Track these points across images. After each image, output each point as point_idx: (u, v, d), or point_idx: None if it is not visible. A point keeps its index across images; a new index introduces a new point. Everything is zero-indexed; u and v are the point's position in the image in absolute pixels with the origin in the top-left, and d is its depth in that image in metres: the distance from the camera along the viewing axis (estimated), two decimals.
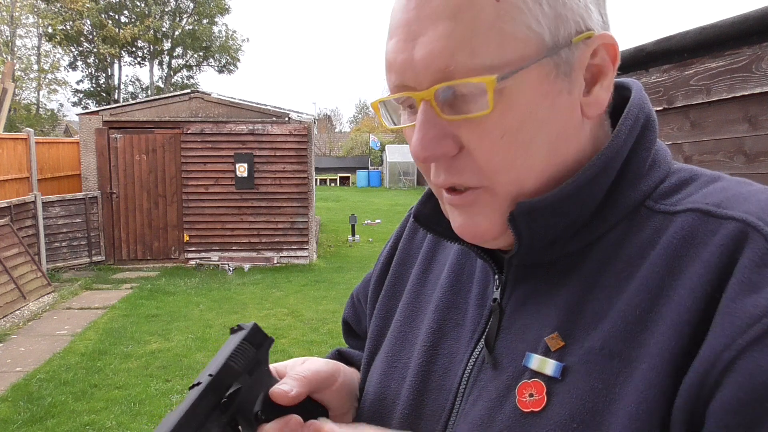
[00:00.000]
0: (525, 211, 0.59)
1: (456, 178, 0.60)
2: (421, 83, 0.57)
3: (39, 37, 29.31)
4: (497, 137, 0.57)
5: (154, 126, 10.43)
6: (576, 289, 0.59)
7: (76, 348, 6.36)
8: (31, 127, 14.90)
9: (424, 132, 0.58)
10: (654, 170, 0.63)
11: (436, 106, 0.57)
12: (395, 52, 0.59)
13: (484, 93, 0.55)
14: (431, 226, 0.71)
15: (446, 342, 0.70)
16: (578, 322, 0.58)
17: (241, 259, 10.56)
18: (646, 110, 0.65)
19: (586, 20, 0.58)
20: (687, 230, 0.56)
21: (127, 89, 34.09)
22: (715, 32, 2.73)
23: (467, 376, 0.65)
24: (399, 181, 27.59)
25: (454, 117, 0.57)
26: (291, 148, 10.57)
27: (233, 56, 34.82)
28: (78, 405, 5.03)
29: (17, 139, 9.95)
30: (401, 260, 0.84)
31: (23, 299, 7.68)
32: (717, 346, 0.48)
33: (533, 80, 0.56)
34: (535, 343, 0.60)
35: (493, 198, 0.60)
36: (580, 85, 0.59)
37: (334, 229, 14.77)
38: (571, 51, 0.58)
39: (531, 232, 0.60)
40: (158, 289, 8.83)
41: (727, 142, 2.80)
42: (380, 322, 0.82)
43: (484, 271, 0.71)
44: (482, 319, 0.67)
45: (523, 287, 0.64)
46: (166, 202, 10.58)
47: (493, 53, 0.55)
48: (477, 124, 0.57)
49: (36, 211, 9.26)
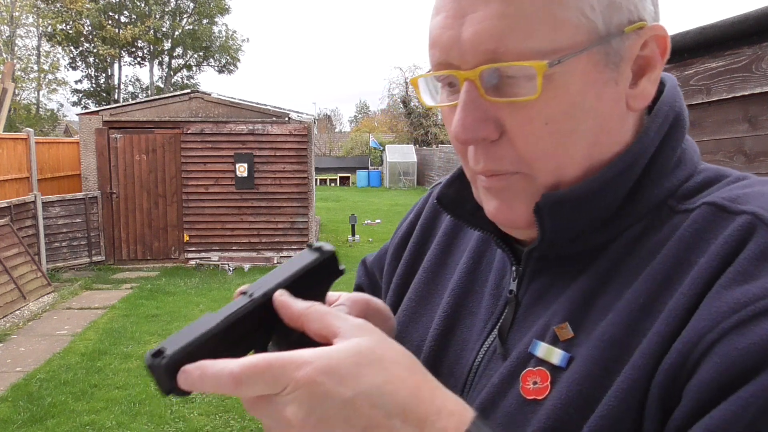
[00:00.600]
0: (550, 203, 0.58)
1: (495, 165, 0.59)
2: (467, 62, 0.56)
3: (39, 37, 29.32)
4: (541, 123, 0.56)
5: (154, 126, 10.43)
6: (590, 282, 0.59)
7: (76, 348, 6.37)
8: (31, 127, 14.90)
9: (466, 113, 0.57)
10: (679, 169, 0.62)
11: (480, 87, 0.56)
12: (442, 28, 0.57)
13: (532, 77, 0.54)
14: (454, 210, 0.70)
15: (459, 329, 0.70)
16: (588, 314, 0.57)
17: (241, 259, 10.56)
18: (677, 107, 0.64)
19: (640, 10, 0.57)
20: (700, 223, 0.56)
21: (127, 89, 34.11)
22: (715, 32, 2.73)
23: (477, 365, 0.65)
24: (399, 181, 27.59)
25: (498, 99, 0.56)
26: (291, 148, 10.58)
27: (233, 56, 34.83)
28: (78, 405, 5.04)
29: (17, 139, 9.95)
30: (421, 240, 0.84)
31: (23, 299, 7.68)
32: (700, 329, 0.48)
33: (583, 68, 0.55)
34: (543, 330, 0.59)
35: (531, 184, 0.59)
36: (627, 77, 0.58)
37: (334, 229, 14.77)
38: (622, 41, 0.56)
39: (554, 225, 0.60)
40: (158, 289, 8.83)
41: (726, 142, 2.80)
42: (397, 299, 0.81)
43: (501, 261, 0.70)
44: (497, 309, 0.67)
45: (540, 280, 0.64)
46: (166, 202, 10.58)
47: (545, 37, 0.53)
48: (521, 109, 0.56)
49: (36, 211, 9.26)
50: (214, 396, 5.22)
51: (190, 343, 0.51)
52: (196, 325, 0.53)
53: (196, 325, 0.53)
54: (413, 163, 27.92)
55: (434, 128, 33.04)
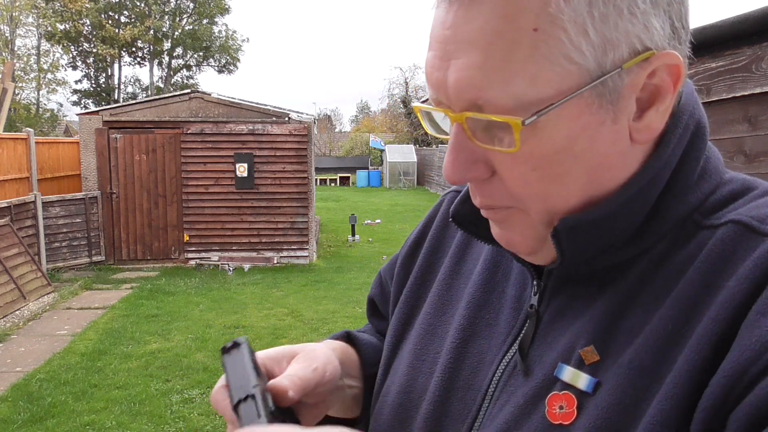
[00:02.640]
0: (568, 227, 0.57)
1: (489, 200, 0.60)
2: (454, 106, 0.55)
3: (39, 37, 29.32)
4: (529, 169, 0.55)
5: (154, 126, 10.42)
6: (615, 302, 0.57)
7: (76, 348, 6.37)
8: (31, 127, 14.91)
9: (455, 155, 0.57)
10: (703, 181, 0.59)
11: (467, 130, 0.55)
12: (431, 68, 0.56)
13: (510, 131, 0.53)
14: (468, 227, 0.69)
15: (477, 340, 0.69)
16: (614, 337, 0.56)
17: (241, 259, 10.56)
18: (696, 115, 0.60)
19: (644, 40, 0.53)
20: (727, 243, 0.53)
21: (126, 89, 34.10)
22: (715, 32, 2.73)
23: (497, 379, 0.64)
24: (399, 181, 27.59)
25: (484, 145, 0.56)
26: (291, 148, 10.57)
27: (233, 56, 34.82)
28: (78, 405, 5.04)
29: (17, 139, 9.95)
30: (432, 248, 0.82)
31: (23, 299, 7.68)
32: (743, 361, 0.46)
33: (571, 114, 0.53)
34: (568, 353, 0.58)
35: (526, 218, 0.59)
36: (629, 111, 0.55)
37: (334, 229, 14.77)
38: (621, 78, 0.53)
39: (574, 247, 0.58)
40: (158, 289, 8.83)
41: (726, 142, 2.80)
42: (407, 310, 0.80)
43: (521, 272, 0.69)
44: (517, 323, 0.65)
45: (562, 296, 0.62)
46: (166, 202, 10.58)
47: (525, 89, 0.51)
48: (510, 156, 0.55)
49: (36, 211, 9.26)
50: None
51: None
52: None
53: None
54: (413, 163, 27.93)
55: None
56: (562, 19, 0.50)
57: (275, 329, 6.98)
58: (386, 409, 0.73)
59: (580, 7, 0.50)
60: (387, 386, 0.76)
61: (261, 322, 7.29)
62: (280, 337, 6.68)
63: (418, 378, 0.72)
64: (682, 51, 0.55)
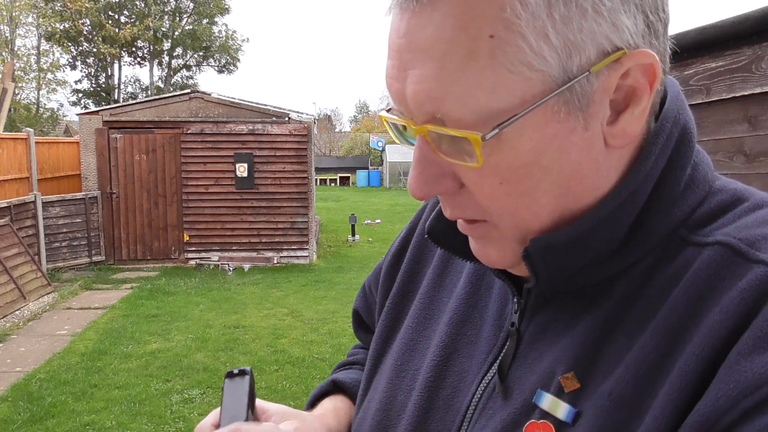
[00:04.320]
0: (540, 247, 0.54)
1: (461, 213, 0.57)
2: (416, 117, 0.52)
3: (39, 37, 29.32)
4: (495, 183, 0.52)
5: (154, 126, 10.43)
6: (597, 325, 0.54)
7: (76, 348, 6.36)
8: (31, 127, 14.91)
9: (420, 169, 0.53)
10: (690, 192, 0.55)
11: (431, 143, 0.52)
12: (390, 78, 0.53)
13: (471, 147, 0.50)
14: (446, 243, 0.66)
15: (458, 359, 0.66)
16: (596, 364, 0.53)
17: (241, 259, 10.56)
18: (681, 121, 0.56)
19: (613, 40, 0.49)
20: (713, 268, 0.50)
21: (126, 89, 34.10)
22: (715, 32, 2.73)
23: (477, 401, 0.61)
24: (399, 181, 27.58)
25: (448, 159, 0.52)
26: (291, 148, 10.57)
27: (233, 56, 34.81)
28: (78, 405, 5.04)
29: (17, 139, 9.95)
30: (415, 258, 0.80)
31: (23, 299, 7.68)
32: (718, 407, 0.44)
33: (536, 124, 0.49)
34: (548, 378, 0.55)
35: (500, 233, 0.56)
36: (602, 115, 0.51)
37: (334, 229, 14.77)
38: (589, 81, 0.49)
39: (548, 267, 0.55)
40: (158, 289, 8.83)
41: (726, 142, 2.80)
42: (389, 323, 0.78)
43: (503, 288, 0.66)
44: (498, 341, 0.63)
45: (543, 314, 0.59)
46: (166, 202, 10.58)
47: (485, 100, 0.48)
48: (476, 169, 0.51)
49: (36, 211, 9.26)
50: (214, 396, 5.22)
51: None
52: None
53: None
54: None
55: None
56: (519, 24, 0.47)
57: (275, 329, 6.98)
58: (365, 425, 0.72)
59: (539, 11, 0.47)
60: (367, 402, 0.75)
61: (261, 322, 7.29)
62: (280, 337, 6.68)
63: (398, 395, 0.70)
64: (658, 47, 0.52)
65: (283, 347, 6.35)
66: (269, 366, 5.87)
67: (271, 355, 6.18)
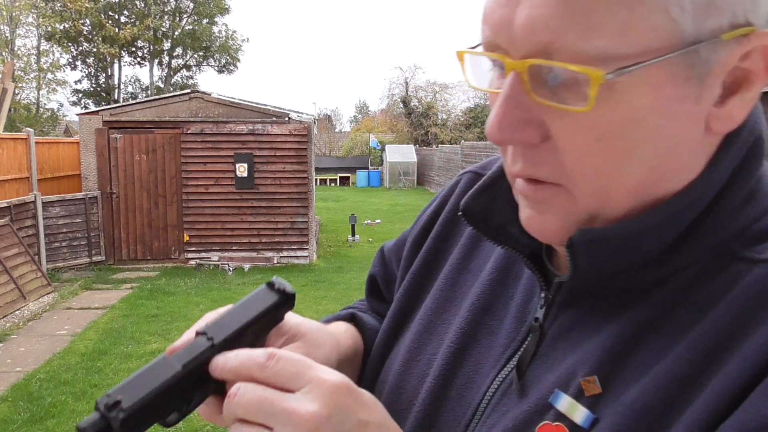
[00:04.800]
0: (587, 240, 0.50)
1: (534, 170, 0.51)
2: (517, 50, 0.47)
3: (39, 37, 29.32)
4: (592, 139, 0.47)
5: (154, 126, 10.42)
6: (628, 330, 0.51)
7: (76, 348, 6.37)
8: (31, 127, 14.91)
9: (505, 110, 0.48)
10: (751, 204, 0.51)
11: (527, 82, 0.47)
12: (495, 3, 0.48)
13: (586, 85, 0.45)
14: (479, 225, 0.62)
15: (475, 348, 0.62)
16: (621, 370, 0.49)
17: (241, 259, 10.56)
18: (757, 130, 0.52)
19: (748, 13, 0.45)
20: (762, 288, 0.46)
21: (127, 89, 34.11)
22: None
23: (491, 395, 0.58)
24: (399, 181, 27.58)
25: (545, 102, 0.47)
26: (291, 148, 10.57)
27: (233, 56, 34.82)
28: (78, 405, 5.03)
29: (17, 139, 9.95)
30: (441, 235, 0.75)
31: (23, 299, 7.68)
32: (746, 424, 0.41)
33: (654, 80, 0.45)
34: (567, 379, 0.52)
35: (570, 202, 0.51)
36: (714, 93, 0.47)
37: (334, 229, 14.76)
38: (716, 50, 0.45)
39: (590, 263, 0.52)
40: (158, 289, 8.83)
41: None
42: (408, 299, 0.73)
43: (530, 279, 0.62)
44: (519, 336, 0.59)
45: (570, 313, 0.56)
46: (166, 202, 10.58)
47: (611, 40, 0.43)
48: (571, 117, 0.47)
49: (36, 211, 9.26)
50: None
51: (148, 395, 0.47)
52: (152, 372, 0.49)
53: (150, 370, 0.49)
54: (413, 163, 27.92)
55: (434, 128, 33.03)
56: None
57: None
58: None
59: None
60: (379, 381, 0.71)
61: None
62: None
63: (411, 380, 0.67)
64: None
65: None
66: None
67: None
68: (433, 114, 33.98)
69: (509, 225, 0.60)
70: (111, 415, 0.45)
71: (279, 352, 0.49)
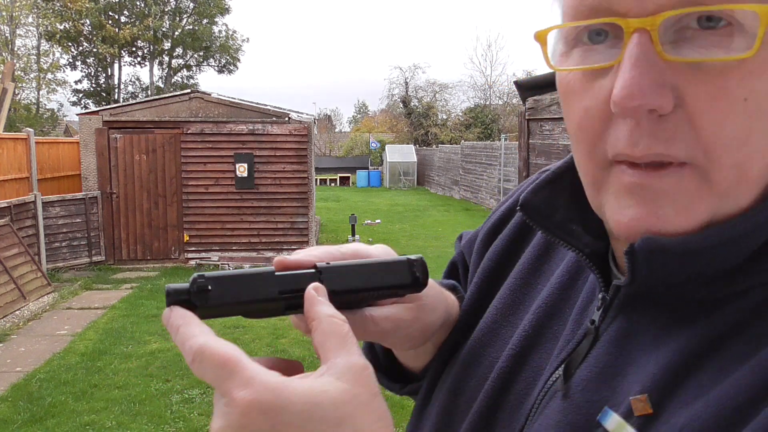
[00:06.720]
0: (649, 249, 0.45)
1: (664, 146, 0.43)
2: (644, 5, 0.41)
3: (39, 37, 29.32)
4: (738, 98, 0.41)
5: (154, 126, 10.43)
6: (688, 348, 0.46)
7: (76, 348, 6.37)
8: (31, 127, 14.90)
9: (639, 71, 0.41)
10: None
11: (658, 43, 0.41)
12: None
13: (740, 31, 0.40)
14: (539, 220, 0.58)
15: (537, 353, 0.59)
16: (677, 391, 0.44)
17: (241, 259, 10.56)
18: None
19: None
20: None
21: (127, 89, 34.10)
22: None
23: (540, 398, 0.55)
24: (399, 181, 27.58)
25: (685, 59, 0.41)
26: (291, 148, 10.58)
27: (233, 56, 34.81)
28: (78, 405, 5.04)
29: (17, 139, 9.96)
30: (514, 235, 0.71)
31: (23, 299, 7.68)
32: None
33: None
34: (618, 395, 0.48)
35: (703, 186, 0.43)
36: None
37: (334, 229, 14.76)
38: None
39: (651, 272, 0.47)
40: (158, 289, 8.83)
41: None
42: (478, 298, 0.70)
43: (594, 281, 0.57)
44: (574, 338, 0.55)
45: (627, 318, 0.51)
46: (166, 202, 10.59)
47: None
48: (714, 77, 0.41)
49: (36, 211, 9.26)
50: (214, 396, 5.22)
51: (234, 275, 0.49)
52: (250, 273, 0.51)
53: (251, 273, 0.51)
54: (413, 163, 27.93)
55: (434, 128, 33.04)
56: None
57: (275, 329, 6.97)
58: (432, 409, 0.66)
59: None
60: (441, 382, 0.68)
61: (261, 322, 7.27)
62: (280, 337, 6.68)
63: (470, 381, 0.63)
64: None
65: (283, 347, 6.35)
66: None
67: (271, 355, 6.18)
68: (433, 114, 33.98)
69: (571, 223, 0.56)
70: (195, 283, 0.48)
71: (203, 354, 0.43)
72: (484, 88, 37.06)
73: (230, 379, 0.42)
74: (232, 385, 0.42)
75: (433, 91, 34.69)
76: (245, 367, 0.42)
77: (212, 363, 0.43)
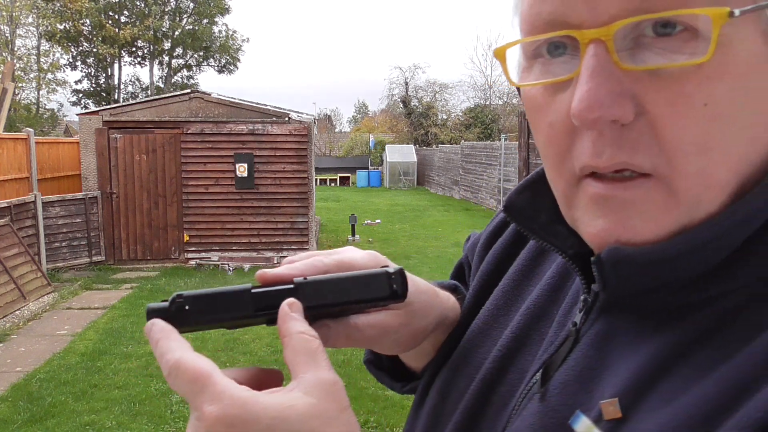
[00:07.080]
0: (614, 260, 0.45)
1: (627, 155, 0.43)
2: (598, 16, 0.41)
3: (39, 37, 29.33)
4: (698, 104, 0.41)
5: (154, 126, 10.43)
6: (660, 352, 0.45)
7: (76, 348, 6.37)
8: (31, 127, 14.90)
9: (598, 81, 0.41)
10: None
11: (614, 52, 0.41)
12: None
13: (696, 36, 0.40)
14: (523, 222, 0.58)
15: (523, 355, 0.59)
16: (646, 396, 0.44)
17: (241, 259, 10.56)
18: None
19: None
20: None
21: (127, 89, 34.10)
22: None
23: (520, 401, 0.55)
24: (399, 181, 27.58)
25: (642, 67, 0.41)
26: (291, 148, 10.58)
27: (233, 56, 34.80)
28: (78, 405, 5.04)
29: (17, 139, 9.96)
30: (512, 238, 0.71)
31: (23, 299, 7.68)
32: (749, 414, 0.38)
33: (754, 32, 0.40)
34: (592, 398, 0.47)
35: (667, 195, 0.43)
36: None
37: (334, 229, 14.76)
38: None
39: (621, 281, 0.47)
40: (158, 289, 8.83)
41: None
42: (476, 301, 0.70)
43: (579, 284, 0.57)
44: (556, 340, 0.55)
45: (607, 321, 0.51)
46: (166, 202, 10.59)
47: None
48: (672, 82, 0.41)
49: (36, 211, 9.26)
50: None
51: (208, 292, 0.51)
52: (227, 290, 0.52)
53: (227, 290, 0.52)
54: (413, 163, 27.94)
55: (434, 128, 33.04)
56: None
57: (275, 329, 6.97)
58: (422, 409, 0.67)
59: None
60: (435, 381, 0.68)
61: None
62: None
63: (459, 382, 0.63)
64: None
65: (283, 347, 6.35)
66: (269, 366, 5.87)
67: (271, 355, 6.18)
68: (433, 114, 33.97)
69: (554, 225, 0.56)
70: (173, 301, 0.50)
71: (178, 369, 0.45)
72: (484, 88, 37.04)
73: (201, 394, 0.43)
74: (202, 400, 0.43)
75: (433, 91, 34.69)
76: (216, 382, 0.43)
77: (186, 378, 0.44)
